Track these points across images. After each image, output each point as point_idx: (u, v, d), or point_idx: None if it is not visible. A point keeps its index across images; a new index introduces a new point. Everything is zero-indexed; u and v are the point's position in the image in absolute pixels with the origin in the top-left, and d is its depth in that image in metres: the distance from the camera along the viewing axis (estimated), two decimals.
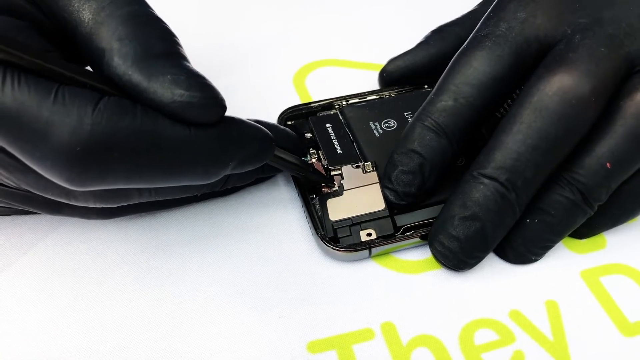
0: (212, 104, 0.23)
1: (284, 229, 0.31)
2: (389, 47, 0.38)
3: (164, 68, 0.22)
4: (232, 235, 0.31)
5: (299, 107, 0.36)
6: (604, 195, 0.29)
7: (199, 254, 0.30)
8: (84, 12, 0.23)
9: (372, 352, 0.27)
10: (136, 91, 0.22)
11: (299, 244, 0.31)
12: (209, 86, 0.23)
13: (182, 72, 0.23)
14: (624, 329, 0.28)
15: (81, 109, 0.21)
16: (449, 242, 0.29)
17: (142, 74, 0.22)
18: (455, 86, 0.29)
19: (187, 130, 0.23)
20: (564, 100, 0.27)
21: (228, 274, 0.29)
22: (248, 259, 0.30)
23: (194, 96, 0.22)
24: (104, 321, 0.27)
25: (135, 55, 0.22)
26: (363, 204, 0.31)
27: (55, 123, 0.21)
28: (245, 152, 0.25)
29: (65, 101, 0.21)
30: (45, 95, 0.21)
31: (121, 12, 0.23)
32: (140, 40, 0.23)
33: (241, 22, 0.44)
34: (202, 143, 0.23)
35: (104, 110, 0.21)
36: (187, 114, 0.22)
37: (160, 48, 0.23)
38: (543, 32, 0.29)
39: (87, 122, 0.21)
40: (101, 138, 0.21)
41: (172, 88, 0.22)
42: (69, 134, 0.21)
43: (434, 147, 0.29)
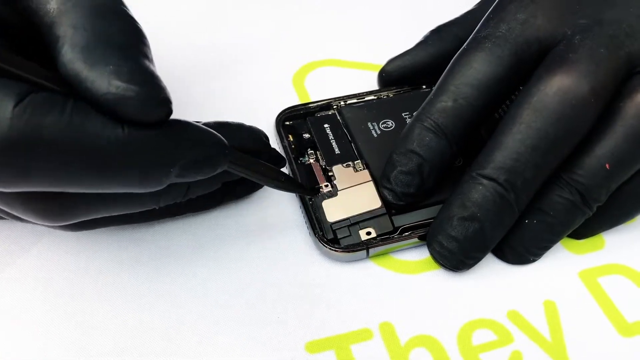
0: (150, 101, 0.21)
1: (281, 229, 0.31)
2: (388, 47, 0.38)
3: (110, 58, 0.21)
4: (230, 236, 0.31)
5: (297, 108, 0.36)
6: (603, 196, 0.29)
7: (197, 256, 0.30)
8: (50, 1, 0.22)
9: (370, 352, 0.27)
10: (76, 81, 0.21)
11: (296, 245, 0.31)
12: (153, 83, 0.21)
13: (127, 65, 0.21)
14: (622, 329, 0.28)
15: (3, 101, 0.19)
16: (447, 242, 0.29)
17: (85, 63, 0.20)
18: (455, 87, 0.29)
19: (120, 129, 0.21)
20: (564, 101, 0.27)
21: (226, 275, 0.29)
22: (246, 260, 0.30)
23: (131, 89, 0.20)
24: (103, 322, 0.27)
25: (86, 43, 0.21)
26: (359, 203, 0.31)
27: None
28: (188, 158, 0.23)
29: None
30: None
31: (87, 3, 0.22)
32: (97, 30, 0.21)
33: (240, 22, 0.44)
34: (136, 145, 0.21)
35: (28, 104, 0.20)
36: (121, 109, 0.21)
37: (116, 40, 0.21)
38: (543, 33, 0.29)
39: (6, 115, 0.19)
40: (22, 133, 0.19)
41: (110, 78, 0.20)
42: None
43: (433, 147, 0.29)
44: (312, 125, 0.35)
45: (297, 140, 0.35)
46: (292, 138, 0.35)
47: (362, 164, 0.32)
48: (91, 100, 0.21)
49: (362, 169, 0.32)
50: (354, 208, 0.30)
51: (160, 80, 0.22)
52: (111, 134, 0.21)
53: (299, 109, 0.36)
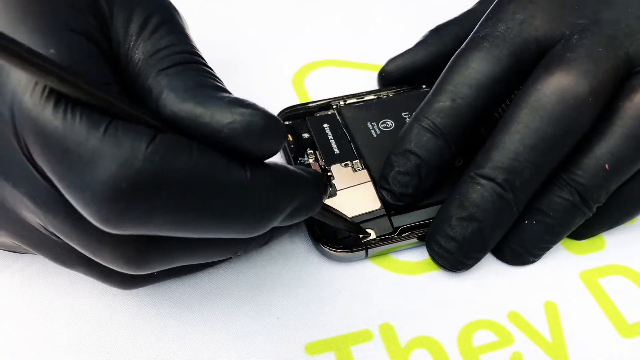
0: (275, 127, 0.20)
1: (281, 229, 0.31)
2: (387, 47, 0.38)
3: (219, 93, 0.21)
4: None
5: (297, 107, 0.36)
6: (602, 197, 0.28)
7: None
8: (136, 51, 0.22)
9: (370, 353, 0.27)
10: (190, 119, 0.20)
11: (296, 246, 0.31)
12: (269, 113, 0.21)
13: (238, 99, 0.20)
14: (623, 330, 0.28)
15: (135, 142, 0.19)
16: (446, 242, 0.29)
17: (195, 101, 0.20)
18: (453, 87, 0.29)
19: (244, 172, 0.21)
20: (562, 100, 0.27)
21: (225, 276, 0.29)
22: (245, 261, 0.30)
23: (257, 114, 0.20)
24: (103, 325, 0.27)
25: (187, 87, 0.21)
26: (358, 203, 0.30)
27: (104, 153, 0.19)
28: (300, 198, 0.23)
29: (117, 133, 0.19)
30: (96, 125, 0.19)
31: (173, 57, 0.22)
32: (191, 76, 0.21)
33: (240, 21, 0.44)
34: (258, 188, 0.21)
35: (159, 145, 0.19)
36: (249, 136, 0.20)
37: (212, 83, 0.21)
38: (542, 33, 0.29)
39: (139, 156, 0.19)
40: (152, 175, 0.19)
41: (230, 108, 0.20)
42: (118, 166, 0.19)
43: (431, 148, 0.29)
44: (312, 125, 0.35)
45: (297, 140, 0.34)
46: (291, 138, 0.35)
47: (360, 163, 0.32)
48: (212, 135, 0.20)
49: (361, 168, 0.32)
50: (353, 208, 0.30)
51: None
52: (236, 176, 0.20)
53: (298, 109, 0.36)
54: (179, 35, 0.23)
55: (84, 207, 0.19)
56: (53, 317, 0.27)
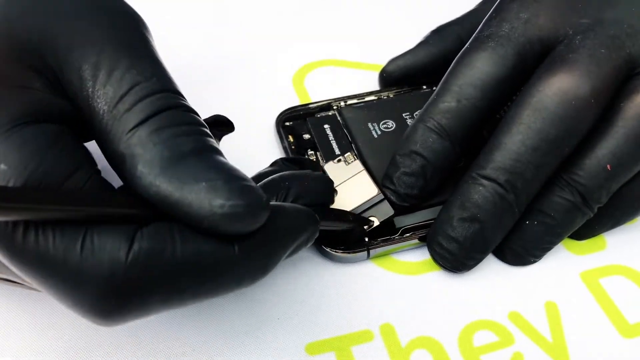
0: (256, 212, 0.20)
1: None
2: (388, 47, 0.38)
3: (197, 172, 0.19)
4: None
5: (297, 108, 0.36)
6: (604, 197, 0.28)
7: None
8: (98, 100, 0.20)
9: (371, 353, 0.27)
10: (167, 203, 0.19)
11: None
12: (250, 188, 0.20)
13: (218, 176, 0.19)
14: (624, 330, 0.28)
15: (113, 255, 0.18)
16: (447, 243, 0.29)
17: (172, 184, 0.19)
18: (458, 87, 0.29)
19: (231, 248, 0.20)
20: (564, 101, 0.27)
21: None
22: None
23: (237, 206, 0.19)
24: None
25: (162, 161, 0.19)
26: (356, 195, 0.30)
27: (86, 273, 0.18)
28: (294, 245, 0.23)
29: (94, 248, 0.18)
30: (71, 244, 0.18)
31: (141, 106, 0.20)
32: (165, 141, 0.20)
33: (240, 21, 0.44)
34: (249, 257, 0.21)
35: (138, 251, 0.19)
36: (229, 226, 0.19)
37: (188, 145, 0.20)
38: (545, 32, 0.29)
39: (121, 269, 0.18)
40: (138, 281, 0.19)
41: (209, 198, 0.19)
42: (102, 285, 0.18)
43: (437, 149, 0.29)
44: (312, 126, 0.35)
45: (297, 140, 0.34)
46: (292, 139, 0.35)
47: (352, 155, 0.31)
48: (190, 221, 0.19)
49: (353, 160, 0.31)
50: (353, 201, 0.30)
51: (248, 178, 0.20)
52: (224, 255, 0.20)
53: (299, 110, 0.36)
54: (143, 66, 0.21)
55: (81, 316, 0.20)
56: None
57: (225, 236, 0.20)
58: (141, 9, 0.24)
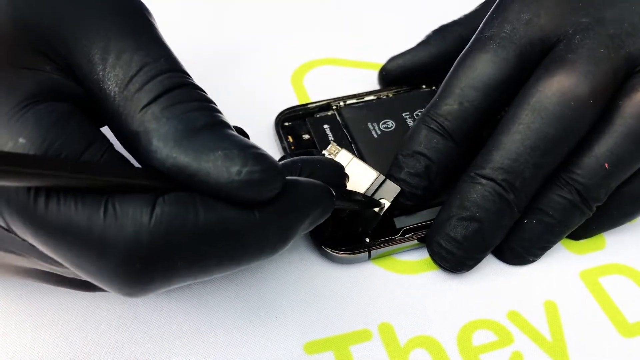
0: (272, 176, 0.20)
1: None
2: (389, 46, 0.38)
3: (212, 143, 0.20)
4: None
5: (296, 108, 0.36)
6: (602, 196, 0.28)
7: None
8: (109, 82, 0.21)
9: (369, 353, 0.27)
10: (185, 175, 0.20)
11: (296, 246, 0.31)
12: (264, 156, 0.20)
13: (232, 145, 0.20)
14: (623, 329, 0.28)
15: (136, 219, 0.19)
16: (447, 243, 0.29)
17: (188, 155, 0.20)
18: (460, 89, 0.29)
19: (252, 214, 0.20)
20: (563, 101, 0.27)
21: (225, 276, 0.29)
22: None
23: (254, 171, 0.20)
24: (97, 321, 0.27)
25: (177, 134, 0.20)
26: (357, 182, 0.30)
27: (109, 238, 0.19)
28: (311, 215, 0.23)
29: (116, 214, 0.19)
30: (94, 209, 0.19)
31: (151, 85, 0.21)
32: (178, 115, 0.20)
33: (239, 20, 0.43)
34: (270, 224, 0.21)
35: (161, 215, 0.19)
36: (248, 192, 0.20)
37: (201, 120, 0.20)
38: (546, 32, 0.29)
39: (144, 232, 0.19)
40: (162, 246, 0.19)
41: (226, 166, 0.19)
42: (127, 250, 0.19)
43: (441, 149, 0.29)
44: (312, 126, 0.35)
45: (297, 141, 0.34)
46: (291, 139, 0.35)
47: (335, 146, 0.30)
48: (209, 190, 0.20)
49: (338, 150, 0.30)
50: (356, 189, 0.29)
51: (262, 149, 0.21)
52: (246, 221, 0.20)
53: (298, 110, 0.36)
54: (150, 49, 0.21)
55: (104, 286, 0.20)
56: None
57: (244, 204, 0.20)
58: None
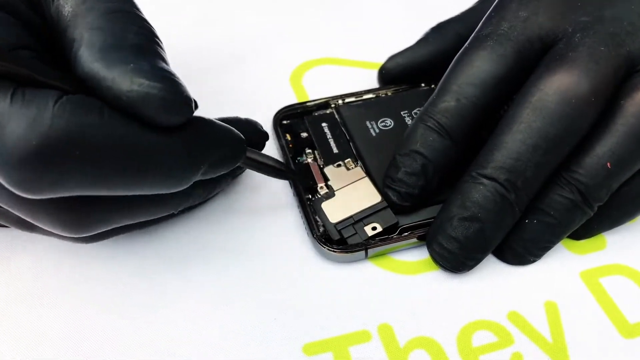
0: (175, 99, 0.21)
1: (279, 230, 0.31)
2: (387, 45, 0.38)
3: (129, 58, 0.21)
4: (227, 237, 0.31)
5: (295, 107, 0.36)
6: (604, 196, 0.28)
7: (195, 257, 0.30)
8: (66, 5, 0.22)
9: (368, 354, 0.27)
10: (95, 81, 0.21)
11: (294, 246, 0.30)
12: (174, 81, 0.21)
13: (147, 65, 0.21)
14: (624, 330, 0.28)
15: (41, 104, 0.19)
16: (447, 243, 0.28)
17: (102, 63, 0.20)
18: (457, 86, 0.29)
19: (155, 134, 0.21)
20: (564, 100, 0.27)
21: (223, 276, 0.29)
22: (244, 261, 0.30)
23: (155, 87, 0.21)
24: (97, 321, 0.27)
25: (103, 45, 0.21)
26: (358, 200, 0.30)
27: (12, 116, 0.19)
28: (216, 156, 0.24)
29: (24, 98, 0.19)
30: (2, 93, 0.19)
31: (101, 6, 0.22)
32: (113, 31, 0.21)
33: (238, 19, 0.43)
34: (171, 148, 0.22)
35: (66, 104, 0.20)
36: (144, 108, 0.21)
37: (133, 41, 0.21)
38: (545, 30, 0.29)
39: (47, 116, 0.19)
40: (62, 134, 0.19)
41: (131, 76, 0.20)
42: (26, 126, 0.19)
43: (437, 148, 0.29)
44: (310, 124, 0.35)
45: (295, 139, 0.34)
46: (289, 137, 0.34)
47: (352, 162, 0.32)
48: (112, 100, 0.21)
49: (354, 166, 0.32)
50: (354, 206, 0.30)
51: (180, 81, 0.22)
52: (147, 137, 0.21)
53: (296, 108, 0.36)
54: None
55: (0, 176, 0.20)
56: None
57: (149, 125, 0.21)
58: (138, 5, 0.24)
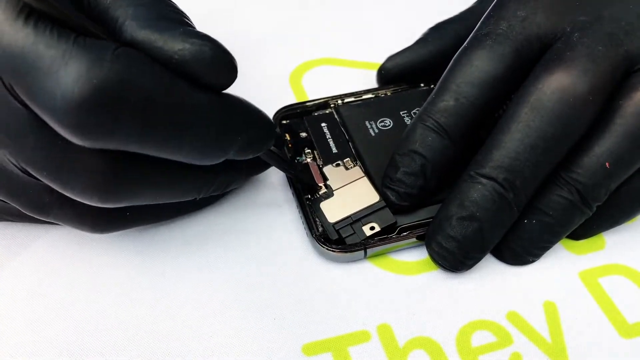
0: (224, 59, 0.23)
1: (278, 230, 0.31)
2: (386, 45, 0.38)
3: (177, 25, 0.22)
4: (226, 237, 0.31)
5: (294, 106, 0.36)
6: (602, 196, 0.28)
7: (194, 257, 0.30)
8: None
9: (368, 354, 0.27)
10: (146, 44, 0.22)
11: (294, 246, 0.30)
12: (221, 45, 0.23)
13: (194, 31, 0.22)
14: (623, 330, 0.28)
15: (102, 48, 0.20)
16: (446, 242, 0.28)
17: (152, 29, 0.22)
18: (456, 86, 0.29)
19: (202, 95, 0.23)
20: (562, 99, 0.27)
21: (222, 276, 0.29)
22: (242, 261, 0.30)
23: (206, 45, 0.22)
24: (97, 324, 0.27)
25: (149, 16, 0.22)
26: (357, 199, 0.30)
27: (74, 56, 0.20)
28: (251, 132, 0.25)
29: (85, 43, 0.20)
30: (65, 36, 0.20)
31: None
32: (156, 8, 0.23)
33: (238, 19, 0.43)
34: (214, 112, 0.23)
35: (122, 53, 0.21)
36: (198, 65, 0.22)
37: (175, 16, 0.23)
38: (543, 30, 0.29)
39: (107, 58, 0.20)
40: (121, 77, 0.20)
41: (183, 37, 0.22)
42: (87, 66, 0.20)
43: (436, 147, 0.29)
44: (309, 124, 0.35)
45: (294, 139, 0.34)
46: (289, 137, 0.34)
47: (351, 161, 0.32)
48: (165, 60, 0.22)
49: (353, 166, 0.32)
50: (353, 205, 0.30)
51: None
52: (194, 98, 0.22)
53: (296, 108, 0.36)
54: None
55: (54, 113, 0.20)
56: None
57: (197, 84, 0.23)
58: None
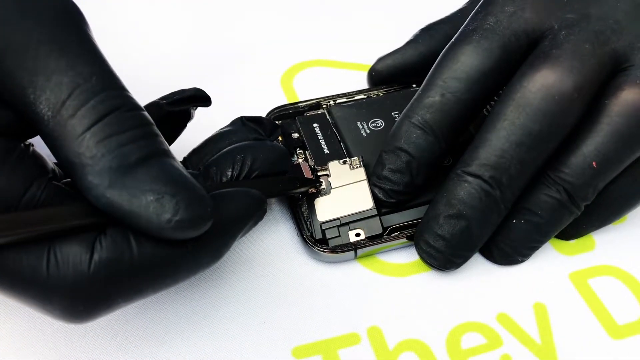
0: (202, 221, 0.21)
1: (269, 230, 0.31)
2: (377, 47, 0.38)
3: (145, 184, 0.20)
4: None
5: (286, 107, 0.36)
6: (590, 195, 0.28)
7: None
8: (41, 106, 0.20)
9: (358, 357, 0.27)
10: (119, 214, 0.20)
11: (284, 246, 0.30)
12: (197, 199, 0.21)
13: (165, 189, 0.20)
14: (613, 331, 0.28)
15: (76, 266, 0.20)
16: (434, 241, 0.28)
17: (121, 197, 0.20)
18: (442, 81, 0.29)
19: (184, 247, 0.22)
20: (547, 97, 0.27)
21: (211, 278, 0.29)
22: (231, 262, 0.30)
23: (183, 221, 0.20)
24: (88, 327, 0.27)
25: (110, 173, 0.20)
26: (351, 203, 0.30)
27: (54, 288, 0.20)
28: (243, 229, 0.25)
29: (58, 264, 0.20)
30: (37, 262, 0.20)
31: (84, 111, 0.20)
32: (112, 151, 0.20)
33: (229, 22, 0.43)
34: (202, 250, 0.23)
35: (99, 261, 0.20)
36: (179, 236, 0.21)
37: (135, 154, 0.20)
38: (531, 26, 0.29)
39: (85, 280, 0.20)
40: (102, 287, 0.21)
41: (157, 213, 0.20)
42: (69, 297, 0.20)
43: (421, 144, 0.29)
44: (301, 125, 0.35)
45: (286, 139, 0.34)
46: (280, 137, 0.34)
47: (358, 160, 0.31)
48: (141, 230, 0.21)
49: (359, 166, 0.31)
50: (345, 208, 0.30)
51: (195, 182, 0.22)
52: (178, 255, 0.22)
53: (288, 108, 0.36)
54: (81, 67, 0.20)
55: (52, 318, 0.21)
56: None
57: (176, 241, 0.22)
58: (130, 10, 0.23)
